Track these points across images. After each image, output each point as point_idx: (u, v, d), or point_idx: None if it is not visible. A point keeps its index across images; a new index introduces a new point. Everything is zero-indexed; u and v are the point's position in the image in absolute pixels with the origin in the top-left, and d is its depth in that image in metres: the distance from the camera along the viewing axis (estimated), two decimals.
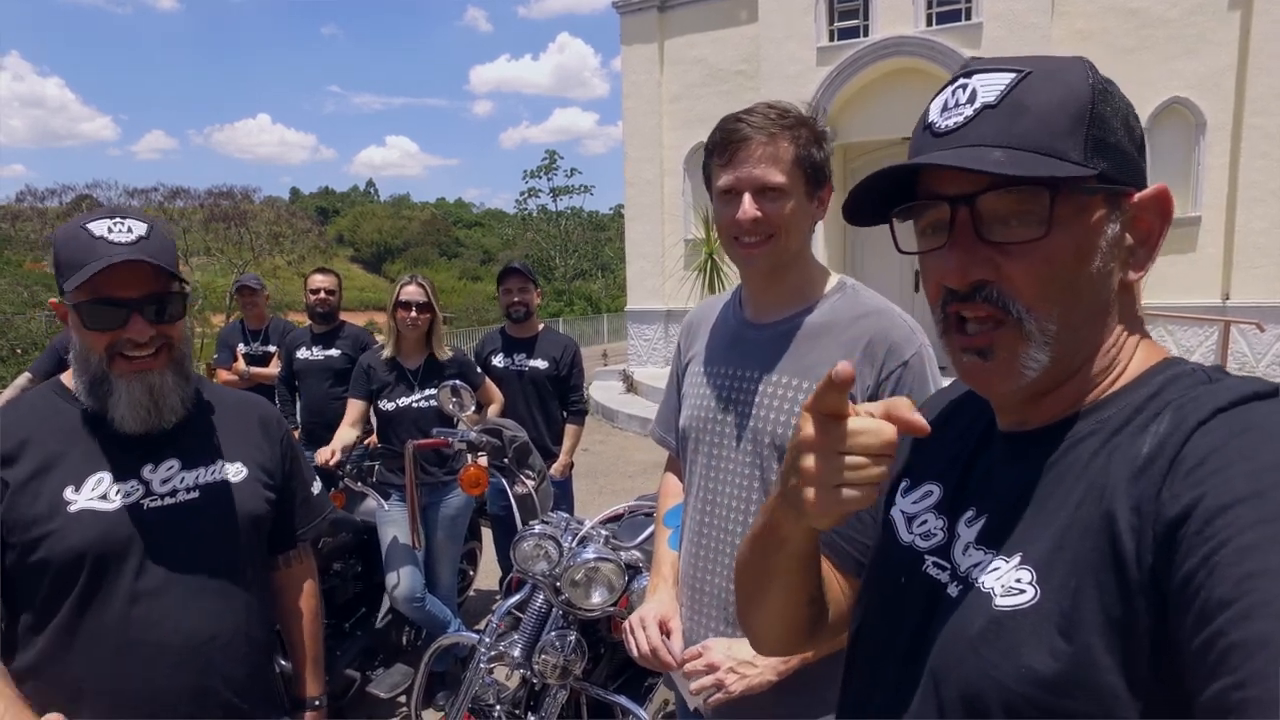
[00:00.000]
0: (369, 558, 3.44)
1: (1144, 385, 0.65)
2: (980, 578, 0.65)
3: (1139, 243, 0.66)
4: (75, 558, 1.23)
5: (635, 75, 12.38)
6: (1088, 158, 0.63)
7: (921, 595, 0.72)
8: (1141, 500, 0.55)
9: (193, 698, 1.30)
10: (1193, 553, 0.49)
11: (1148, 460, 0.57)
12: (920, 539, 0.76)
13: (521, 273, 3.86)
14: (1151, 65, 9.11)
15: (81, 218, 1.28)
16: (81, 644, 1.24)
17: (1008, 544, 0.65)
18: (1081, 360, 0.67)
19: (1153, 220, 0.66)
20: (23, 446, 1.26)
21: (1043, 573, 0.60)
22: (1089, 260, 0.64)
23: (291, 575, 1.59)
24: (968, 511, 0.72)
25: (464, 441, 2.63)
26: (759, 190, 1.31)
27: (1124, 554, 0.54)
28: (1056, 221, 0.63)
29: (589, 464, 7.16)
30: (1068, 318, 0.64)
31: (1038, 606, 0.59)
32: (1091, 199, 0.64)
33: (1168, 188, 0.65)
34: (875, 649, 0.77)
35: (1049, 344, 0.64)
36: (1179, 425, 0.57)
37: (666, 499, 1.68)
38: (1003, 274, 0.64)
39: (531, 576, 2.20)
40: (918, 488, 0.80)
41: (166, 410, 1.32)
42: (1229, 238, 9.06)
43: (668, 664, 1.44)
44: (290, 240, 27.43)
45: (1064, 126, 0.63)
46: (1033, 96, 0.64)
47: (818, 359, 1.35)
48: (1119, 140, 0.65)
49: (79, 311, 1.25)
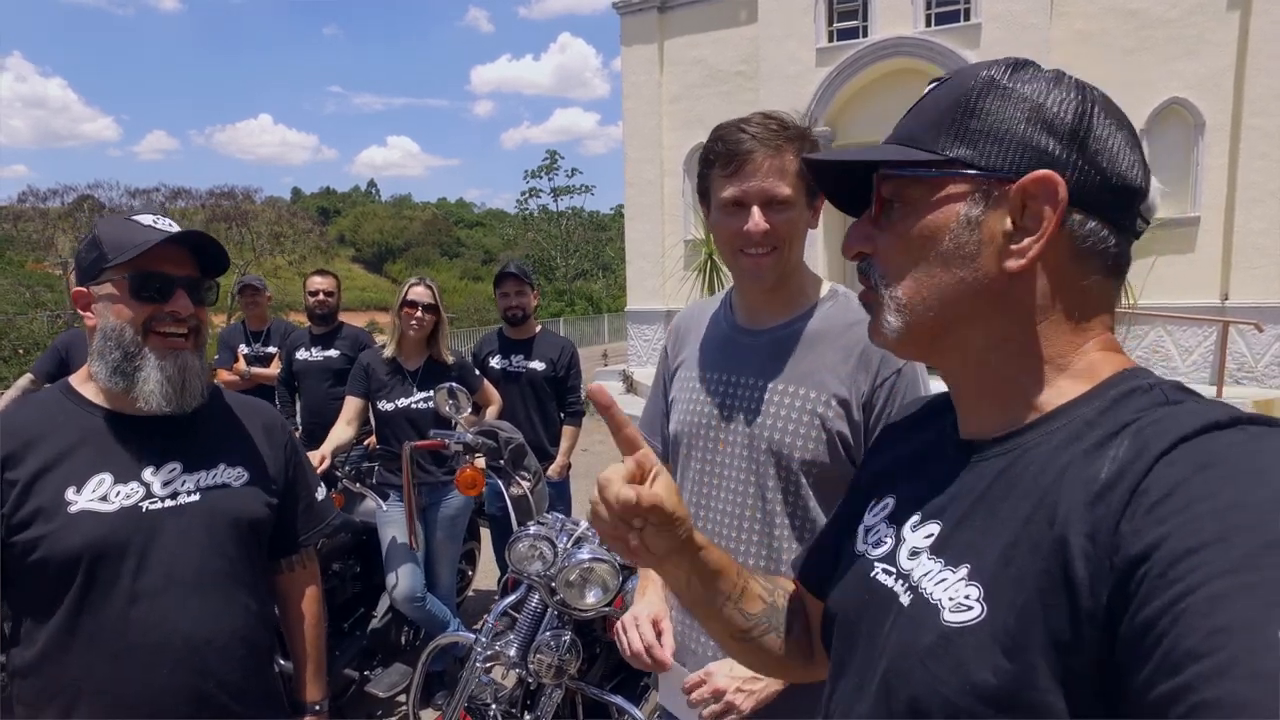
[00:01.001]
0: (367, 558, 3.46)
1: (1096, 398, 0.64)
2: (929, 589, 0.66)
3: (1027, 231, 0.64)
4: (73, 558, 1.24)
5: (635, 76, 12.40)
6: (945, 145, 0.67)
7: (876, 602, 0.73)
8: (1098, 529, 0.54)
9: (189, 700, 1.31)
10: (1154, 595, 0.48)
11: (1105, 486, 0.55)
12: (871, 547, 0.79)
13: (518, 276, 3.88)
14: (1151, 66, 9.11)
15: (123, 214, 1.42)
16: (80, 644, 1.26)
17: (955, 553, 0.66)
18: (988, 353, 0.69)
19: (1042, 208, 0.63)
20: (28, 447, 1.28)
21: (989, 589, 0.60)
22: (936, 240, 0.68)
23: (294, 580, 1.60)
24: (913, 516, 0.74)
25: (460, 443, 2.65)
26: (766, 203, 1.33)
27: (1076, 580, 0.54)
28: (907, 202, 0.69)
29: (587, 464, 7.18)
30: (919, 290, 0.69)
31: (985, 623, 0.59)
32: (940, 182, 0.67)
33: (1051, 175, 0.63)
34: (840, 655, 0.78)
35: (899, 311, 0.71)
36: (1140, 453, 0.55)
37: None
38: (875, 247, 0.73)
39: (527, 577, 2.22)
40: (880, 501, 0.82)
41: (190, 394, 1.36)
42: (1228, 238, 9.06)
43: (661, 661, 1.45)
44: (291, 240, 27.48)
45: (930, 119, 0.69)
46: (928, 99, 0.72)
47: (813, 366, 1.37)
48: (1009, 129, 0.65)
49: (128, 282, 1.31)
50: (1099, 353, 0.67)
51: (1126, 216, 0.66)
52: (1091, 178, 0.64)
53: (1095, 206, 0.65)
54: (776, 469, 1.37)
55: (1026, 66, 0.68)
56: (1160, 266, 9.17)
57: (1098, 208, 0.65)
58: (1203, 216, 9.14)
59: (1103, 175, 0.65)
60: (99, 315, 1.33)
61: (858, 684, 0.72)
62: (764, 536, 1.39)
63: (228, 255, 1.42)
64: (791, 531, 1.37)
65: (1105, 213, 0.65)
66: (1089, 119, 0.65)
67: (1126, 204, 0.66)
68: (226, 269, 1.42)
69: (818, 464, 1.35)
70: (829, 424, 1.34)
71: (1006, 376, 0.68)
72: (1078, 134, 0.65)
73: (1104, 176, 0.65)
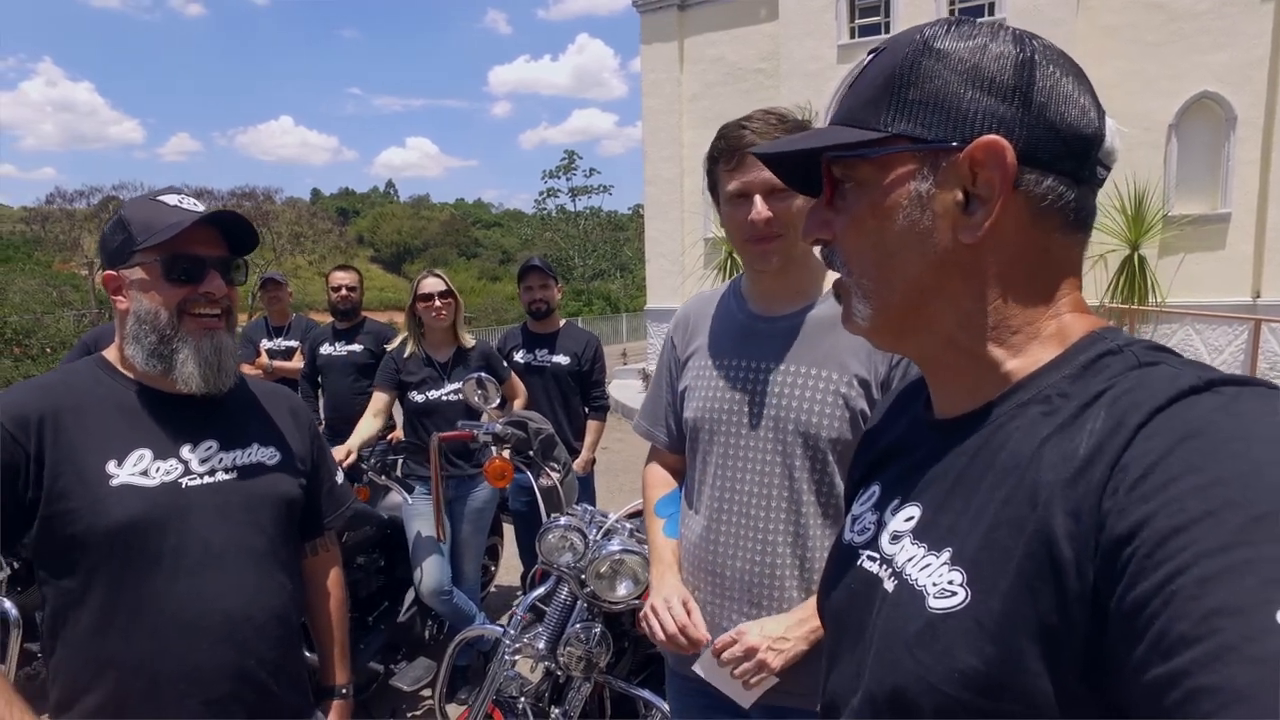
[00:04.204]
0: (392, 552, 3.46)
1: (1065, 364, 0.62)
2: (913, 574, 0.65)
3: (981, 199, 0.62)
4: (116, 532, 1.23)
5: (655, 74, 12.38)
6: (887, 121, 0.64)
7: (862, 590, 0.72)
8: (1080, 508, 0.52)
9: (231, 676, 1.30)
10: (1143, 576, 0.47)
11: (1084, 463, 0.54)
12: (856, 535, 0.78)
13: (542, 269, 3.86)
14: (1179, 59, 8.97)
15: (147, 195, 1.39)
16: (120, 620, 1.25)
17: (936, 537, 0.64)
18: (957, 330, 0.66)
19: (992, 175, 0.60)
20: (66, 415, 1.27)
21: (972, 573, 0.58)
22: (890, 220, 0.65)
23: (318, 563, 1.61)
24: (894, 500, 0.73)
25: (489, 434, 2.62)
26: (769, 191, 1.38)
27: (1062, 561, 0.52)
28: (858, 182, 0.67)
29: (608, 462, 7.16)
30: (881, 273, 0.67)
31: (969, 609, 0.58)
32: (886, 160, 0.64)
33: (997, 140, 0.60)
34: (832, 646, 0.77)
35: (867, 297, 0.68)
36: (1118, 426, 0.53)
37: (654, 489, 1.74)
38: (834, 232, 0.70)
39: (556, 568, 2.19)
40: (867, 489, 0.81)
41: (225, 373, 1.36)
42: (1260, 235, 8.90)
43: (697, 640, 1.46)
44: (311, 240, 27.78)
45: (869, 95, 0.66)
46: (867, 72, 0.68)
47: (833, 348, 1.42)
48: (947, 95, 0.62)
49: (160, 265, 1.30)
50: (1069, 314, 0.65)
51: (1084, 167, 0.63)
52: (1040, 133, 0.61)
53: (1049, 162, 0.61)
54: (804, 448, 1.42)
55: (962, 24, 0.65)
56: (1189, 264, 9.02)
57: (1051, 163, 0.61)
58: (1234, 213, 8.98)
59: (1052, 128, 0.61)
60: (131, 299, 1.32)
61: (852, 673, 0.70)
62: (791, 514, 1.44)
63: (257, 232, 1.42)
64: (818, 508, 1.43)
65: (1060, 166, 0.62)
66: (1029, 71, 0.62)
67: (1082, 154, 0.62)
68: (256, 246, 1.42)
69: (843, 441, 1.40)
70: (852, 403, 1.40)
71: (977, 352, 0.66)
72: (1019, 89, 0.61)
73: (1053, 130, 0.61)
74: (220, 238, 1.36)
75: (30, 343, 14.60)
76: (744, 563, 1.46)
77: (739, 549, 1.47)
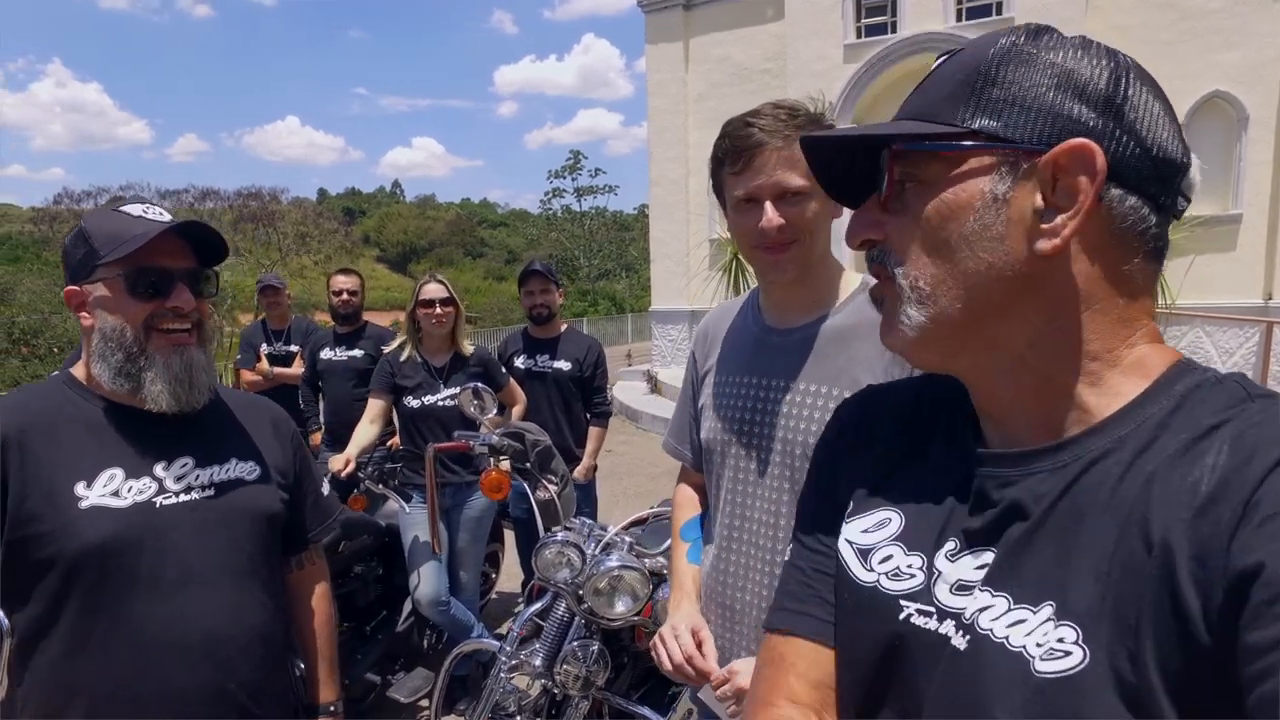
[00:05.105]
0: (389, 561, 3.42)
1: (1162, 396, 0.58)
2: (1002, 632, 0.57)
3: (1060, 208, 0.58)
4: (87, 555, 1.20)
5: (660, 73, 12.33)
6: (965, 117, 0.60)
7: (913, 647, 0.64)
8: (1206, 549, 0.49)
9: (211, 698, 1.27)
10: (1268, 619, 0.44)
11: (1209, 500, 0.50)
12: (887, 578, 0.68)
13: (543, 274, 3.81)
14: (1190, 58, 8.86)
15: (109, 204, 1.33)
16: (95, 644, 1.21)
17: (1026, 588, 0.58)
18: (1027, 349, 0.61)
19: (1078, 180, 0.57)
20: (31, 435, 1.22)
21: (1087, 629, 0.53)
22: (958, 221, 0.60)
23: (304, 577, 1.57)
24: (948, 544, 0.65)
25: (485, 445, 2.58)
26: (779, 196, 1.28)
27: (1188, 611, 0.48)
28: (922, 181, 0.62)
29: (612, 465, 7.11)
30: (940, 277, 0.61)
31: (1090, 670, 0.52)
32: (960, 156, 0.60)
33: (1087, 143, 0.56)
34: (862, 705, 0.69)
35: (922, 303, 0.62)
36: (1248, 460, 0.50)
37: (682, 510, 1.65)
38: (886, 233, 0.65)
39: (553, 585, 2.15)
40: (866, 514, 0.72)
41: (198, 389, 1.31)
42: (1272, 236, 8.79)
43: (704, 671, 1.40)
44: (317, 240, 27.83)
45: (945, 91, 0.62)
46: (938, 72, 0.65)
47: (846, 363, 1.31)
48: (1036, 97, 0.59)
49: (124, 280, 1.24)
50: (1147, 345, 0.61)
51: (1167, 193, 0.60)
52: (1130, 149, 0.58)
53: (1135, 181, 0.58)
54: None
55: (1048, 32, 0.61)
56: (1199, 265, 8.91)
57: (1137, 183, 0.58)
58: (1245, 214, 8.88)
59: (1143, 146, 0.58)
60: (96, 316, 1.27)
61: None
62: None
63: (226, 242, 1.36)
64: None
65: (1146, 188, 0.58)
66: (1124, 84, 0.59)
67: (1168, 179, 0.59)
68: (225, 256, 1.36)
69: None
70: None
71: (1048, 377, 0.61)
72: (1113, 101, 0.58)
73: (1144, 148, 0.58)
74: (188, 249, 1.31)
75: (38, 343, 14.63)
76: (753, 595, 1.39)
77: (749, 580, 1.40)
